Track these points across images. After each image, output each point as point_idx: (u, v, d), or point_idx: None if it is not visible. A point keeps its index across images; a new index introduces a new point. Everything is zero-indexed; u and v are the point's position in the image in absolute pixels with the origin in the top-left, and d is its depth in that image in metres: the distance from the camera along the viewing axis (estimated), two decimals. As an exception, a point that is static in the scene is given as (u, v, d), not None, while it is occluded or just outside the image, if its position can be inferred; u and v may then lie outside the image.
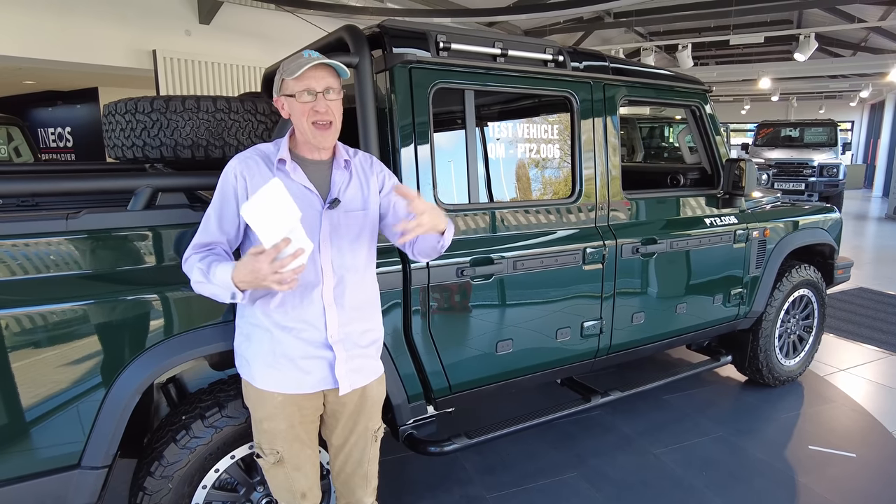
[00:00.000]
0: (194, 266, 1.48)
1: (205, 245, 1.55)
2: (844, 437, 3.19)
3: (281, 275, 1.34)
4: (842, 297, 5.90)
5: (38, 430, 1.59)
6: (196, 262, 1.49)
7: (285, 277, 1.35)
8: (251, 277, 1.36)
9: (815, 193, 11.22)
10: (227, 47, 7.87)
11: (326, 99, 1.52)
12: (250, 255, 1.35)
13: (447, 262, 2.17)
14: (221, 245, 1.56)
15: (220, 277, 1.42)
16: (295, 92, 1.51)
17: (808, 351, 3.86)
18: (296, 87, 1.51)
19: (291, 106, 1.54)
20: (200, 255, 1.51)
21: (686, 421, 3.34)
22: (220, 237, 1.56)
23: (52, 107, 10.52)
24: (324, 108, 1.52)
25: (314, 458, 1.74)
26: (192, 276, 1.49)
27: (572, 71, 2.52)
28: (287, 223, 1.34)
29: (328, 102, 1.52)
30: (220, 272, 1.43)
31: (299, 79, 1.50)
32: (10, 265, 1.55)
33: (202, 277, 1.46)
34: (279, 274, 1.34)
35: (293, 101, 1.53)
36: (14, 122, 6.54)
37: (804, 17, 10.67)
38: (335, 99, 1.55)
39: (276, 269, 1.33)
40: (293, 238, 1.35)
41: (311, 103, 1.51)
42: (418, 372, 2.22)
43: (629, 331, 2.80)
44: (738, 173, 3.03)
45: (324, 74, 1.52)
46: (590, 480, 2.75)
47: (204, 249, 1.54)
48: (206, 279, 1.45)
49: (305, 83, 1.50)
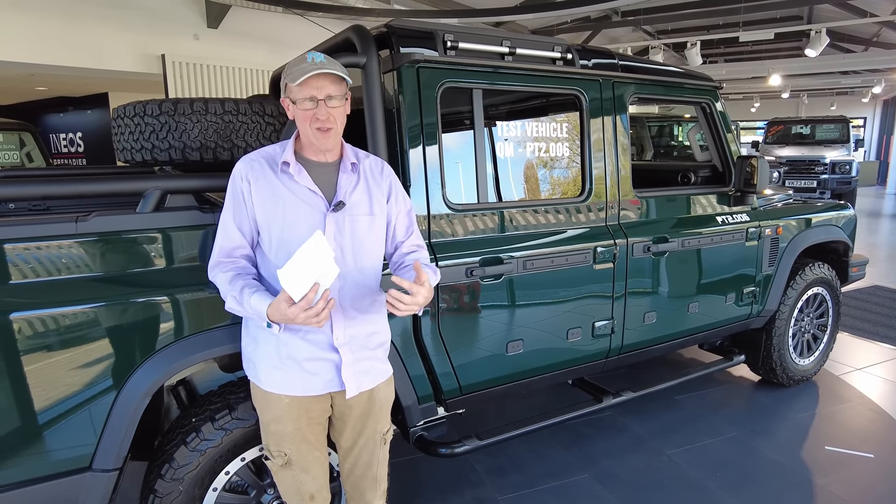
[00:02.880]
0: (227, 291, 1.53)
1: (228, 252, 1.59)
2: (861, 437, 3.14)
3: (318, 316, 1.40)
4: (856, 296, 5.83)
5: (49, 433, 1.59)
6: (227, 284, 1.53)
7: (322, 317, 1.41)
8: (286, 321, 1.42)
9: (827, 191, 11.09)
10: (235, 51, 7.91)
11: (328, 106, 1.52)
12: (283, 303, 1.40)
13: (456, 262, 2.16)
14: (243, 249, 1.60)
15: (255, 308, 1.47)
16: (297, 98, 1.52)
17: (822, 350, 3.81)
18: (298, 93, 1.51)
19: (294, 110, 1.55)
20: (230, 275, 1.54)
21: (699, 421, 3.30)
22: (240, 240, 1.59)
23: (63, 112, 10.62)
24: (325, 115, 1.52)
25: (323, 459, 1.73)
26: (226, 299, 1.54)
27: (581, 69, 2.50)
28: (319, 269, 1.38)
29: (329, 109, 1.52)
30: (255, 303, 1.47)
31: (301, 86, 1.50)
32: (22, 268, 1.56)
33: (237, 305, 1.52)
34: (317, 317, 1.40)
35: (295, 106, 1.54)
36: (26, 127, 6.60)
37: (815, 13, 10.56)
38: (337, 106, 1.54)
39: (310, 316, 1.39)
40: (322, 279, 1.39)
41: (312, 110, 1.51)
42: (428, 373, 2.20)
43: (641, 331, 2.77)
44: (750, 170, 3.00)
45: (325, 83, 1.51)
46: (602, 482, 2.73)
47: (229, 261, 1.58)
48: (240, 307, 1.51)
49: (307, 91, 1.50)
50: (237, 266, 1.57)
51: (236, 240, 1.58)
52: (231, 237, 1.58)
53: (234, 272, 1.54)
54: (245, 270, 1.57)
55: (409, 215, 1.77)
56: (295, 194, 1.56)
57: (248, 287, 1.50)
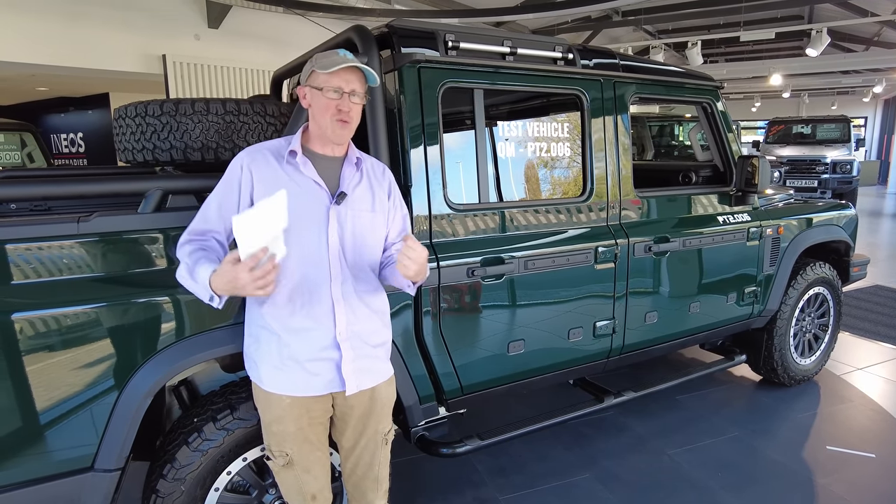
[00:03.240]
0: (183, 259, 1.49)
1: (200, 233, 1.56)
2: (863, 437, 3.14)
3: (264, 280, 1.34)
4: (858, 295, 5.82)
5: (51, 433, 1.59)
6: (186, 254, 1.49)
7: (267, 282, 1.35)
8: (230, 287, 1.37)
9: (828, 190, 11.08)
10: (236, 51, 7.91)
11: (350, 101, 1.56)
12: (228, 264, 1.35)
13: (458, 262, 2.16)
14: (216, 234, 1.57)
15: (201, 277, 1.43)
16: (323, 86, 1.54)
17: (823, 350, 3.81)
18: (326, 81, 1.53)
19: (316, 98, 1.56)
20: (192, 248, 1.51)
21: (700, 421, 3.30)
22: (217, 225, 1.57)
23: (64, 113, 10.63)
24: (347, 107, 1.55)
25: (324, 460, 1.73)
26: (179, 268, 1.49)
27: (582, 69, 2.50)
28: (272, 233, 1.34)
29: (351, 104, 1.56)
30: (201, 272, 1.43)
31: (331, 75, 1.53)
32: (24, 268, 1.56)
33: (186, 273, 1.47)
34: (261, 280, 1.34)
35: (319, 94, 1.55)
36: (27, 128, 6.61)
37: (815, 12, 10.55)
38: (357, 103, 1.59)
39: (255, 278, 1.33)
40: (272, 245, 1.35)
41: (335, 101, 1.54)
42: (429, 373, 2.20)
43: (642, 330, 2.77)
44: (751, 170, 3.00)
45: (353, 78, 1.56)
46: (603, 482, 2.73)
47: (198, 238, 1.55)
48: (189, 276, 1.46)
49: (336, 81, 1.53)
50: (205, 244, 1.54)
51: (212, 223, 1.57)
52: (207, 219, 1.57)
53: (199, 246, 1.52)
54: (210, 248, 1.54)
55: (405, 220, 1.79)
56: (299, 185, 1.56)
57: (205, 259, 1.46)
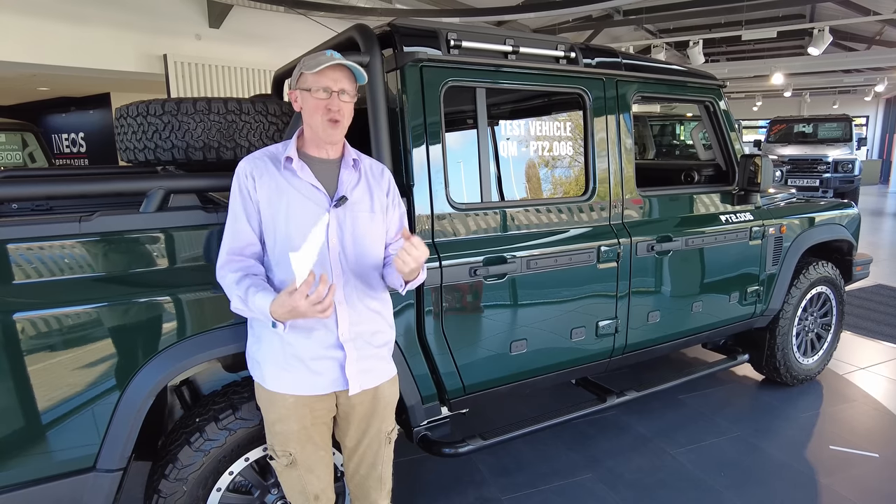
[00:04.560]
0: (232, 291, 1.53)
1: (238, 251, 1.58)
2: (866, 436, 3.13)
3: (321, 305, 1.39)
4: (860, 295, 5.81)
5: (53, 434, 1.59)
6: (233, 284, 1.52)
7: (325, 306, 1.40)
8: (292, 314, 1.41)
9: (829, 190, 11.05)
10: (237, 50, 7.90)
11: (340, 99, 1.56)
12: (285, 295, 1.40)
13: (460, 262, 2.16)
14: (253, 246, 1.59)
15: (258, 307, 1.47)
16: (311, 87, 1.54)
17: (826, 349, 3.80)
18: (314, 82, 1.54)
19: (305, 100, 1.57)
20: (238, 275, 1.53)
21: (703, 421, 3.29)
22: (252, 236, 1.59)
23: (65, 113, 10.63)
24: (336, 106, 1.55)
25: (327, 459, 1.73)
26: (231, 300, 1.54)
27: (584, 67, 2.49)
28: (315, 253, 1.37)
29: (341, 103, 1.56)
30: (258, 302, 1.47)
31: (318, 75, 1.53)
32: (25, 268, 1.55)
33: (242, 305, 1.52)
34: (319, 305, 1.38)
35: (308, 95, 1.55)
36: (29, 128, 6.61)
37: (817, 11, 10.52)
38: (348, 101, 1.58)
39: (313, 303, 1.38)
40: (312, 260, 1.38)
41: (324, 100, 1.54)
42: (432, 373, 2.20)
43: (644, 330, 2.76)
44: (754, 169, 2.99)
45: (341, 76, 1.56)
46: (605, 481, 2.72)
47: (239, 258, 1.57)
48: (245, 307, 1.51)
49: (324, 80, 1.54)
50: (245, 266, 1.57)
51: (246, 236, 1.58)
52: (240, 234, 1.58)
53: (241, 272, 1.54)
54: (253, 270, 1.57)
55: (402, 219, 1.79)
56: (298, 190, 1.57)
57: (255, 286, 1.50)
